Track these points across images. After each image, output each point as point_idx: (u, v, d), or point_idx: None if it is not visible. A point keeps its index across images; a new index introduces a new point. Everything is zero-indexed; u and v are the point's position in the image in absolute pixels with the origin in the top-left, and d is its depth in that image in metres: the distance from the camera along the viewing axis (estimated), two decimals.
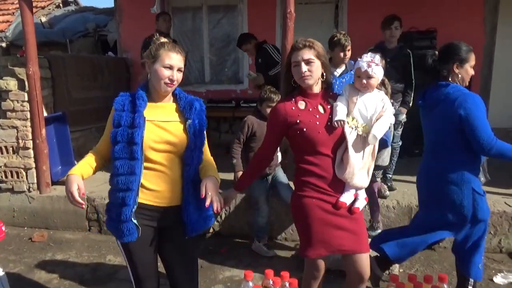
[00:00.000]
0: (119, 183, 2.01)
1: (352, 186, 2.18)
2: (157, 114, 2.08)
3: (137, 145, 1.98)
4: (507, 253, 3.80)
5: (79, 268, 3.66)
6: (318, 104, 2.18)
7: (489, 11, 6.21)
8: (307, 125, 2.12)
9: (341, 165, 2.16)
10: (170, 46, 2.05)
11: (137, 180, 2.01)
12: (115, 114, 2.05)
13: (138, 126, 1.99)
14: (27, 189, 4.54)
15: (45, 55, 4.96)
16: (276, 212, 4.07)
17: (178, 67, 2.04)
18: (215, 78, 7.08)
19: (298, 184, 2.24)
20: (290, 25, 3.93)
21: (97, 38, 8.25)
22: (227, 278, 3.47)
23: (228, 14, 6.96)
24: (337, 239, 2.16)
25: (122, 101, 2.07)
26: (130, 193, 1.99)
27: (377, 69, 2.17)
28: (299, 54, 2.12)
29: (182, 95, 2.17)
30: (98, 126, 6.05)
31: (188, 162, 2.10)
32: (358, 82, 2.21)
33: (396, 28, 4.15)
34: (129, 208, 1.99)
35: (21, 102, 4.37)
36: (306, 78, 2.12)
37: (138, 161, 1.99)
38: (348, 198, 2.19)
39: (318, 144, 2.12)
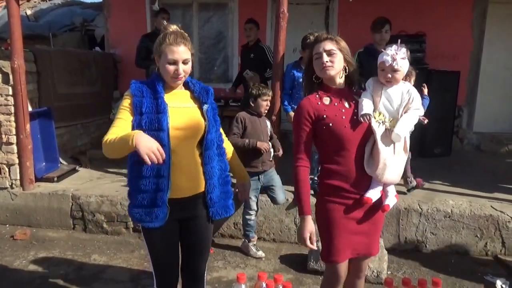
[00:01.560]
0: (149, 171, 1.97)
1: (382, 182, 2.10)
2: (174, 99, 2.07)
3: (164, 132, 1.96)
4: (493, 256, 3.84)
5: (63, 267, 3.57)
6: (343, 99, 2.11)
7: (477, 17, 6.30)
8: (333, 119, 2.04)
9: (371, 160, 2.08)
10: (172, 39, 2.00)
11: (168, 167, 1.99)
12: (136, 99, 1.98)
13: (164, 112, 1.96)
14: (10, 186, 4.42)
15: (31, 48, 4.84)
16: (265, 213, 4.05)
17: (182, 60, 2.00)
18: (204, 77, 7.02)
19: (323, 187, 2.18)
20: (283, 24, 3.91)
21: (84, 32, 8.12)
22: (215, 279, 3.43)
23: (218, 12, 6.91)
24: (354, 245, 2.14)
25: (139, 88, 2.03)
26: (163, 179, 1.99)
27: (403, 62, 2.08)
28: (320, 45, 2.08)
29: (194, 81, 2.19)
30: (84, 122, 5.96)
31: (209, 146, 2.11)
32: (382, 75, 2.12)
33: (386, 32, 4.15)
34: (164, 193, 2.00)
35: (5, 96, 4.25)
36: (327, 69, 2.05)
37: (166, 148, 1.94)
38: (374, 195, 2.09)
39: (344, 140, 2.04)
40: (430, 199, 4.06)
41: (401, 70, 2.09)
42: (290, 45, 3.98)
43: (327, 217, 2.13)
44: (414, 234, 3.93)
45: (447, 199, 4.06)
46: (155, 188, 2.00)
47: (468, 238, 3.87)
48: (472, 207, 3.90)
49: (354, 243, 2.14)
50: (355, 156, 2.07)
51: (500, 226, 3.81)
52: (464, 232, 3.86)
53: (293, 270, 3.57)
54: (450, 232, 3.88)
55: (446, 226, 3.87)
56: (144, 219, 2.05)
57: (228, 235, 4.18)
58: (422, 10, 6.22)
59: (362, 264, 2.27)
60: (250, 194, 3.72)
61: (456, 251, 3.89)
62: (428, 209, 3.89)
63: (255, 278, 2.74)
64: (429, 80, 5.72)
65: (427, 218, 3.88)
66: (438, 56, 6.12)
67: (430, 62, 5.87)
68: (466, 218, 3.84)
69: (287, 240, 4.10)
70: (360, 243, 2.16)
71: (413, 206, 3.92)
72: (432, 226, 3.89)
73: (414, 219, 3.90)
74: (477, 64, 6.24)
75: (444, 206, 3.91)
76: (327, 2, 6.58)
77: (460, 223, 3.85)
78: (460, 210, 3.86)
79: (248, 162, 3.64)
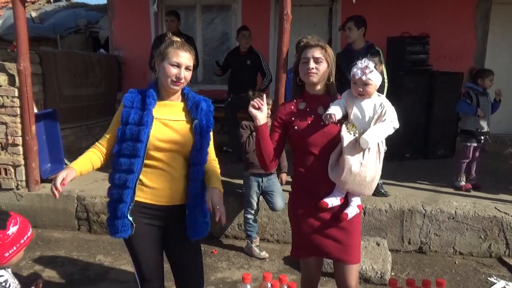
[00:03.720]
0: (116, 180, 2.02)
1: (345, 190, 2.12)
2: (165, 112, 2.08)
3: (142, 143, 1.98)
4: (497, 257, 3.84)
5: (68, 268, 3.59)
6: (318, 106, 2.17)
7: (480, 18, 6.30)
8: (300, 124, 2.14)
9: (336, 168, 2.10)
10: (179, 44, 2.05)
11: (135, 178, 2.01)
12: (124, 110, 2.05)
13: (146, 125, 1.99)
14: (16, 187, 4.46)
15: (36, 50, 4.87)
16: (268, 214, 4.06)
17: (185, 65, 2.04)
18: (207, 78, 7.05)
19: (293, 187, 2.29)
20: (286, 27, 3.92)
21: (88, 34, 8.16)
22: (219, 280, 3.45)
23: (221, 14, 6.94)
24: (323, 246, 2.18)
25: (131, 98, 2.07)
26: (127, 190, 2.00)
27: (373, 75, 2.09)
28: (309, 51, 2.14)
29: (191, 95, 2.17)
30: (89, 123, 6.00)
31: (195, 162, 2.09)
32: (354, 88, 2.14)
33: (349, 29, 4.13)
34: (126, 205, 2.01)
35: (11, 98, 4.29)
36: (311, 75, 2.11)
37: (138, 159, 1.99)
38: (332, 201, 2.11)
39: (308, 144, 2.12)
40: (433, 200, 4.06)
41: (372, 84, 2.10)
42: (293, 47, 3.98)
43: (293, 214, 2.27)
44: (417, 235, 3.93)
45: (451, 200, 4.07)
46: (117, 199, 2.02)
47: (472, 240, 3.87)
48: (476, 209, 3.90)
49: (322, 245, 2.17)
50: (320, 162, 2.12)
51: (504, 228, 3.80)
52: (468, 234, 3.87)
53: (297, 271, 3.58)
54: (454, 234, 3.88)
55: (450, 228, 3.87)
56: (110, 229, 2.09)
57: (232, 236, 4.19)
58: (425, 12, 6.22)
59: (343, 274, 2.20)
60: (252, 194, 3.76)
61: (460, 252, 3.90)
62: (432, 210, 3.89)
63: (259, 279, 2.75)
64: (432, 81, 5.74)
65: (431, 219, 3.88)
66: (442, 57, 6.12)
67: (434, 63, 5.87)
68: (470, 219, 3.84)
69: (291, 241, 4.10)
70: (330, 246, 2.16)
71: (416, 208, 3.92)
72: (436, 228, 3.89)
73: (418, 220, 3.90)
74: (480, 65, 6.21)
75: (448, 208, 3.92)
76: (330, 4, 6.59)
77: (464, 225, 3.85)
78: (464, 212, 3.87)
79: (255, 164, 3.68)
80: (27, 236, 1.74)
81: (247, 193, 3.81)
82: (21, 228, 1.71)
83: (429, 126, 5.78)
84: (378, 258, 3.45)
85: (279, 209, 3.82)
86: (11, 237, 1.67)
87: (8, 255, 1.67)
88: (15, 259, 1.73)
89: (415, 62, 5.62)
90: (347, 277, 2.19)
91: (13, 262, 1.73)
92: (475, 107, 4.37)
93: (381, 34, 5.74)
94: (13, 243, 1.67)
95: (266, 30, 6.48)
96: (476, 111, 4.36)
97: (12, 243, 1.67)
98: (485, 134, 4.46)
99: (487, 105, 4.43)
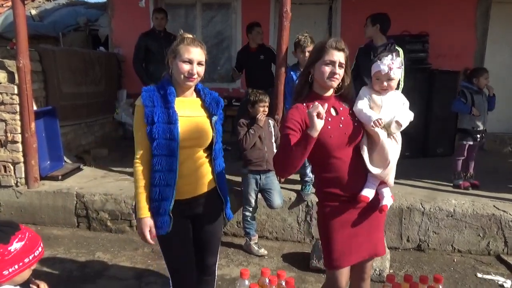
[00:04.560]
0: (157, 179, 2.02)
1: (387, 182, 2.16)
2: (184, 108, 2.10)
3: (175, 142, 2.01)
4: (495, 255, 3.85)
5: (67, 265, 3.60)
6: (330, 107, 2.11)
7: (480, 16, 6.30)
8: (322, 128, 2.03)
9: (377, 162, 2.12)
10: (189, 40, 2.06)
11: (175, 176, 2.04)
12: (147, 110, 2.01)
13: (175, 123, 2.00)
14: (15, 184, 4.46)
15: (36, 48, 4.87)
16: (267, 212, 4.07)
17: (198, 61, 2.05)
18: (207, 76, 6.88)
19: (320, 195, 2.20)
20: (286, 24, 3.93)
21: (88, 32, 8.15)
22: (218, 277, 3.41)
23: (221, 12, 6.94)
24: (362, 247, 2.15)
25: (150, 97, 2.04)
26: (170, 188, 2.03)
27: (398, 71, 2.15)
28: (337, 55, 2.04)
29: (206, 91, 2.22)
30: (88, 121, 6.00)
31: (217, 155, 2.21)
32: (377, 84, 2.17)
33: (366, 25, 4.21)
34: (168, 202, 2.04)
35: (11, 95, 4.29)
36: (334, 80, 2.06)
37: (175, 158, 2.02)
38: (370, 193, 2.11)
39: (331, 149, 2.05)
40: (432, 198, 4.07)
41: (396, 79, 2.16)
42: (293, 45, 3.99)
43: (326, 223, 2.14)
44: (416, 233, 3.94)
45: (449, 198, 4.07)
46: (159, 198, 2.04)
47: (471, 237, 3.88)
48: (474, 207, 3.91)
49: (357, 247, 2.14)
50: (345, 162, 2.09)
51: (502, 226, 3.81)
52: (467, 232, 3.87)
53: (295, 268, 3.59)
54: (453, 231, 3.89)
55: (448, 225, 3.88)
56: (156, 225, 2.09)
57: (231, 234, 4.20)
58: (425, 10, 6.22)
59: (366, 265, 2.25)
60: (250, 191, 3.77)
61: (459, 250, 3.90)
62: (430, 208, 3.90)
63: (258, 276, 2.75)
64: (431, 79, 5.74)
65: (429, 217, 3.89)
66: (441, 55, 6.13)
67: (433, 61, 5.87)
68: (469, 217, 3.85)
69: (290, 239, 4.12)
70: (362, 246, 2.15)
71: (415, 205, 3.93)
72: (435, 225, 3.90)
73: (417, 218, 3.91)
74: (480, 64, 6.22)
75: (447, 205, 3.92)
76: (330, 2, 6.59)
77: (462, 222, 3.86)
78: (463, 210, 3.87)
79: (253, 161, 3.69)
80: (34, 256, 1.55)
81: (245, 190, 3.82)
82: (27, 246, 1.53)
83: (428, 125, 5.79)
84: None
85: (277, 206, 3.82)
86: (13, 254, 1.49)
87: (8, 273, 1.48)
88: (19, 279, 1.54)
89: (414, 61, 5.61)
90: (369, 269, 2.27)
91: (16, 281, 1.54)
92: (470, 106, 4.39)
93: None
94: (15, 260, 1.49)
95: (266, 28, 6.47)
96: (470, 110, 4.37)
97: (14, 260, 1.49)
98: (481, 133, 4.47)
99: (482, 103, 4.43)
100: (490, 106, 4.50)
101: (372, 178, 2.13)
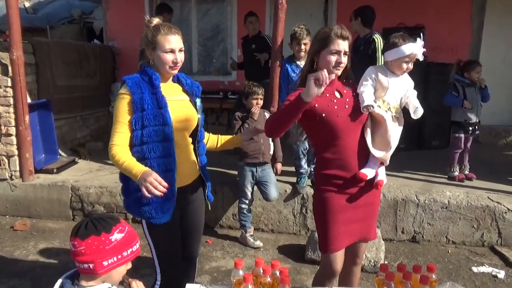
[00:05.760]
0: (156, 167, 1.98)
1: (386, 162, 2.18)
2: (170, 93, 2.09)
3: (169, 126, 2.00)
4: (489, 246, 3.87)
5: (63, 257, 3.59)
6: (334, 90, 2.15)
7: (476, 9, 6.30)
8: (325, 110, 2.06)
9: (380, 144, 2.13)
10: (166, 29, 2.02)
11: (175, 161, 2.03)
12: (136, 97, 1.95)
13: (165, 107, 1.99)
14: (9, 177, 4.44)
15: (30, 40, 4.83)
16: (263, 204, 4.07)
17: (179, 48, 2.04)
18: (202, 69, 7.03)
19: (319, 178, 2.20)
20: (281, 16, 3.91)
21: (82, 25, 8.09)
22: (214, 269, 3.46)
23: (217, 4, 6.90)
24: (355, 230, 2.19)
25: (136, 83, 2.00)
26: (172, 173, 2.03)
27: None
28: (342, 44, 2.06)
29: (184, 76, 2.23)
30: (83, 114, 5.97)
31: (200, 139, 2.23)
32: (402, 67, 2.16)
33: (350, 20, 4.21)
34: (173, 186, 2.03)
35: (4, 87, 4.25)
36: (339, 69, 2.09)
37: (171, 142, 2.02)
38: (370, 172, 2.13)
39: (337, 129, 2.07)
40: (427, 190, 4.09)
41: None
42: (289, 37, 3.97)
43: (324, 206, 2.15)
44: (411, 225, 3.96)
45: (444, 190, 4.09)
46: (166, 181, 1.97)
47: (465, 229, 3.90)
48: (469, 198, 3.92)
49: (351, 230, 2.18)
50: (349, 144, 2.11)
51: (496, 217, 3.84)
52: (461, 223, 3.90)
53: (291, 260, 3.61)
54: (447, 223, 3.91)
55: (443, 217, 3.90)
56: (154, 215, 2.06)
57: (226, 226, 4.20)
58: (421, 2, 6.20)
59: (359, 249, 2.30)
60: (246, 184, 3.77)
61: (453, 241, 3.93)
62: (425, 200, 3.91)
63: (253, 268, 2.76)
64: (427, 72, 5.74)
65: (424, 209, 3.91)
66: (437, 48, 6.11)
67: (429, 54, 5.79)
68: (463, 209, 3.87)
69: (285, 231, 4.13)
70: (356, 229, 2.20)
71: (410, 197, 3.94)
72: (429, 217, 3.92)
73: (412, 209, 3.93)
74: (476, 56, 6.22)
75: (441, 197, 3.94)
76: None
77: (457, 214, 3.88)
78: (457, 201, 3.89)
79: (249, 153, 3.69)
80: (132, 251, 1.51)
81: (241, 183, 3.82)
82: (127, 238, 1.49)
83: (424, 117, 5.72)
84: (372, 247, 3.47)
85: (273, 199, 3.83)
86: (114, 244, 1.44)
87: (107, 264, 1.44)
88: (115, 275, 1.49)
89: None
90: (362, 253, 2.31)
91: (113, 277, 1.49)
92: (462, 99, 4.39)
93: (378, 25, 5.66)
94: (114, 251, 1.45)
95: (262, 20, 6.40)
96: (462, 103, 4.37)
97: (113, 251, 1.44)
98: (474, 125, 4.47)
99: (475, 96, 4.43)
100: (484, 98, 4.50)
101: (373, 160, 2.15)
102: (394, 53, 2.15)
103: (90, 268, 1.43)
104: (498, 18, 6.27)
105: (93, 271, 1.43)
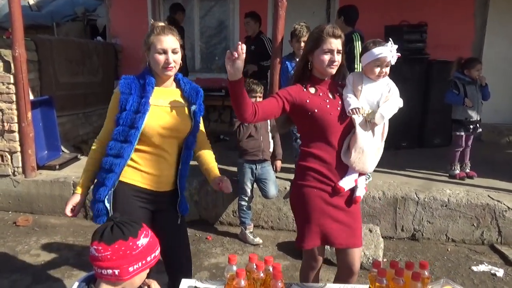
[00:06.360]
0: (103, 163, 2.04)
1: (357, 169, 2.15)
2: (163, 98, 2.09)
3: (136, 130, 1.99)
4: (489, 245, 3.87)
5: (64, 252, 3.63)
6: (327, 91, 2.17)
7: (479, 7, 6.27)
8: (318, 106, 2.09)
9: (348, 151, 2.14)
10: (159, 29, 2.03)
11: (122, 164, 2.02)
12: (122, 97, 2.02)
13: (143, 112, 1.99)
14: (12, 173, 4.48)
15: (32, 37, 4.86)
16: (263, 201, 4.09)
17: (172, 49, 2.03)
18: (205, 67, 7.05)
19: (300, 171, 2.20)
20: (281, 14, 3.91)
21: (86, 22, 8.13)
22: (213, 265, 3.49)
23: (220, 2, 6.91)
24: (333, 233, 2.16)
25: (128, 84, 2.04)
26: (111, 174, 2.02)
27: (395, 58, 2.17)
28: (334, 43, 2.08)
29: (186, 81, 2.20)
30: (85, 111, 6.00)
31: (189, 146, 2.17)
32: (375, 72, 2.15)
33: None
34: (106, 189, 2.02)
35: (7, 84, 4.29)
36: (333, 67, 2.11)
37: (130, 145, 2.01)
38: (348, 183, 2.14)
39: (329, 126, 2.10)
40: (427, 188, 4.08)
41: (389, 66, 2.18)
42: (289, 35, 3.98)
43: (303, 201, 2.18)
44: (410, 223, 3.96)
45: (444, 188, 4.09)
46: (100, 182, 2.04)
47: (465, 227, 3.90)
48: (469, 196, 3.92)
49: (332, 230, 2.16)
50: (337, 146, 2.13)
51: (496, 215, 3.83)
52: (461, 221, 3.89)
53: (290, 257, 3.62)
54: (447, 221, 3.91)
55: (442, 215, 3.90)
56: (92, 213, 2.13)
57: (226, 223, 4.22)
58: (424, 0, 6.18)
59: (349, 258, 2.23)
60: (246, 181, 3.79)
61: (453, 239, 3.93)
62: (425, 198, 3.91)
63: None
64: (429, 70, 5.73)
65: (424, 206, 3.91)
66: (439, 46, 6.08)
67: (431, 52, 5.85)
68: (463, 207, 3.87)
69: (285, 228, 4.14)
70: (339, 231, 2.17)
71: (410, 195, 3.94)
72: (429, 215, 3.92)
73: (411, 207, 3.93)
74: (478, 54, 6.19)
75: (441, 195, 3.94)
76: None
77: (457, 212, 3.88)
78: (457, 199, 3.89)
79: (249, 150, 3.70)
80: (155, 256, 1.46)
81: (241, 180, 3.84)
82: (151, 243, 1.45)
83: (425, 115, 5.78)
84: (370, 244, 3.49)
85: (272, 196, 3.84)
86: (140, 249, 1.39)
87: (133, 270, 1.38)
88: (138, 280, 1.44)
89: (412, 51, 5.59)
90: (354, 261, 2.23)
91: (135, 283, 1.44)
92: (463, 97, 4.37)
93: (379, 22, 5.72)
94: (140, 257, 1.40)
95: (264, 18, 6.42)
96: (463, 101, 4.35)
97: (139, 256, 1.39)
98: (474, 123, 4.45)
99: (475, 94, 4.40)
100: (484, 97, 4.48)
101: (352, 169, 2.16)
102: (366, 57, 2.17)
103: (115, 274, 1.36)
104: (501, 15, 6.23)
105: (118, 277, 1.37)
